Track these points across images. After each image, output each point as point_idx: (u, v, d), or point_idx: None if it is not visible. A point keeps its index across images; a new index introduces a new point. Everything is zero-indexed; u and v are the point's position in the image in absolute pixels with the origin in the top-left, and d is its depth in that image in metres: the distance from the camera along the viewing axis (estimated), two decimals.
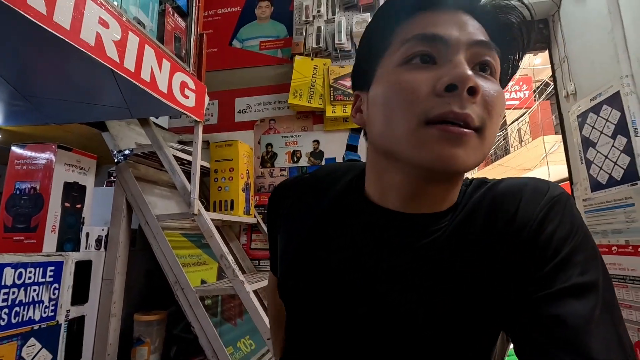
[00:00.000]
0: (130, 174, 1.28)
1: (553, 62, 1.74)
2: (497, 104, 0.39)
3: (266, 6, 1.98)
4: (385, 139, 0.41)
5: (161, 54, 1.03)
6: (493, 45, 0.40)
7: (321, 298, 0.45)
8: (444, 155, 0.36)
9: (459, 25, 0.39)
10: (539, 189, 0.41)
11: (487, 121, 0.38)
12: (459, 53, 0.38)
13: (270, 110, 1.86)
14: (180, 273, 1.16)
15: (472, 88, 0.36)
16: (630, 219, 1.27)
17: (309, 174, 0.57)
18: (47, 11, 0.67)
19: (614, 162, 1.34)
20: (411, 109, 0.37)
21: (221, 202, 1.53)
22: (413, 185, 0.42)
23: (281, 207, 0.55)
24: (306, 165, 1.75)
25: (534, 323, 0.35)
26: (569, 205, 0.40)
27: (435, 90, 0.37)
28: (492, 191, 0.42)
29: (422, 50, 0.39)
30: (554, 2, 1.63)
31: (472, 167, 0.38)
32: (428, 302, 0.40)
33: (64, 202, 1.10)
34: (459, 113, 0.36)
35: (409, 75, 0.39)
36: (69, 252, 1.09)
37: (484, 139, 0.38)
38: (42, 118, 1.16)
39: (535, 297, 0.36)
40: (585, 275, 0.35)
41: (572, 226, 0.38)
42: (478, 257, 0.40)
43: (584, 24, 1.50)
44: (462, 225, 0.42)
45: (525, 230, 0.38)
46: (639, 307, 1.21)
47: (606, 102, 1.37)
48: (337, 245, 0.46)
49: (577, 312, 0.33)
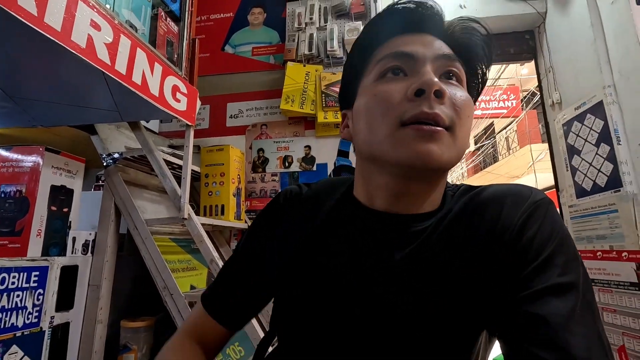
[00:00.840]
0: (119, 177, 1.26)
1: (539, 72, 1.79)
2: (464, 106, 0.43)
3: (259, 13, 2.00)
4: (369, 144, 0.45)
5: (153, 58, 1.03)
6: (457, 58, 0.46)
7: (318, 302, 0.46)
8: (420, 151, 0.40)
9: (426, 44, 0.45)
10: (522, 195, 0.43)
11: (456, 120, 0.42)
12: (425, 65, 0.43)
13: (262, 115, 1.86)
14: (169, 278, 1.15)
15: (438, 91, 0.41)
16: (613, 225, 1.30)
17: (310, 186, 0.58)
18: (38, 12, 0.67)
19: (598, 169, 1.37)
20: (388, 115, 0.42)
21: (212, 206, 1.52)
22: (397, 185, 0.45)
23: (281, 218, 0.55)
24: (297, 170, 1.75)
25: (516, 322, 0.36)
26: (550, 210, 0.42)
27: (407, 96, 0.42)
28: (478, 197, 0.45)
29: (394, 65, 0.45)
30: (539, 15, 1.69)
31: (447, 163, 0.42)
32: (422, 304, 0.41)
33: (51, 206, 1.08)
34: (428, 113, 0.40)
35: (384, 87, 0.44)
36: (54, 257, 1.07)
37: (455, 137, 0.42)
38: (29, 120, 1.14)
39: (517, 297, 0.37)
40: (565, 275, 0.37)
41: (553, 229, 0.40)
42: (465, 259, 0.42)
43: (569, 36, 1.55)
44: (451, 228, 0.44)
45: (507, 234, 0.41)
46: (623, 311, 1.24)
47: (590, 111, 1.41)
48: (333, 251, 0.48)
49: (559, 311, 0.34)
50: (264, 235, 0.56)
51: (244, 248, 0.57)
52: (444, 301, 0.41)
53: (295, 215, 0.54)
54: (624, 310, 1.24)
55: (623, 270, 1.25)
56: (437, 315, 0.41)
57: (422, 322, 0.41)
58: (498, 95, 7.30)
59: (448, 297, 0.41)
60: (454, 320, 0.41)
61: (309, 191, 0.56)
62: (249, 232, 0.58)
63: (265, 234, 0.56)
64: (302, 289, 0.48)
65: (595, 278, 1.35)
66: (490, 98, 7.34)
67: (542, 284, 0.36)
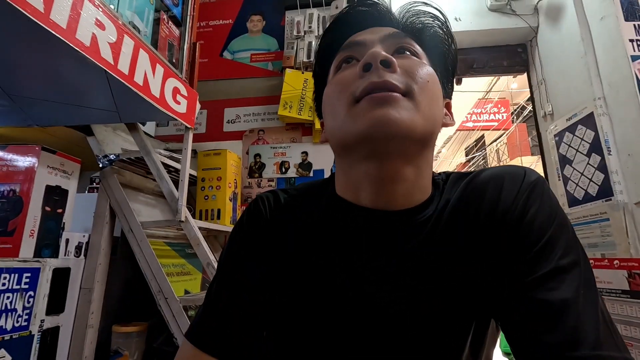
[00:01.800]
0: (115, 179, 1.25)
1: (531, 84, 1.84)
2: (421, 73, 0.42)
3: (258, 20, 2.02)
4: (334, 133, 0.44)
5: (155, 59, 1.03)
6: (408, 36, 0.46)
7: (312, 306, 0.45)
8: (375, 116, 0.39)
9: (375, 32, 0.47)
10: (517, 176, 0.43)
11: (413, 86, 0.41)
12: (374, 46, 0.44)
13: (259, 121, 1.87)
14: (164, 282, 1.13)
15: (384, 61, 0.41)
16: (605, 233, 1.33)
17: (287, 192, 0.54)
18: (45, 9, 0.67)
19: (590, 179, 1.41)
20: (343, 97, 0.43)
21: (207, 211, 1.51)
22: (375, 169, 0.42)
23: (265, 229, 0.50)
24: (294, 176, 1.75)
25: (522, 309, 0.36)
26: (546, 189, 0.42)
27: (357, 75, 0.42)
28: (473, 183, 0.44)
29: (346, 55, 0.46)
30: (531, 29, 1.74)
31: (411, 126, 0.39)
32: (416, 301, 0.41)
33: (45, 206, 1.06)
34: (377, 82, 0.40)
35: (339, 75, 0.45)
36: (46, 259, 1.05)
37: (416, 102, 0.40)
38: (25, 119, 1.13)
39: (522, 283, 0.37)
40: (567, 256, 0.37)
41: (551, 209, 0.41)
42: (465, 250, 0.41)
43: (560, 49, 1.60)
44: (446, 220, 0.43)
45: (508, 217, 0.40)
46: (616, 319, 1.26)
47: (581, 122, 1.45)
48: (325, 254, 0.46)
49: (563, 294, 0.35)
50: (249, 252, 0.50)
51: (230, 271, 0.50)
52: (441, 297, 0.41)
53: (279, 224, 0.50)
54: (617, 318, 1.25)
55: (615, 278, 1.27)
56: (434, 312, 0.41)
57: (418, 321, 0.41)
58: (489, 108, 7.45)
59: (445, 292, 0.41)
60: (450, 317, 0.41)
61: (287, 197, 0.52)
62: (232, 250, 0.52)
63: (250, 249, 0.50)
64: (296, 294, 0.46)
65: None
66: (481, 111, 7.48)
67: (545, 267, 0.37)
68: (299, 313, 0.46)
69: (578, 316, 0.33)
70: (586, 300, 0.34)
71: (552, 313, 0.34)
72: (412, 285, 0.41)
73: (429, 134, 0.42)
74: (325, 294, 0.44)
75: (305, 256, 0.47)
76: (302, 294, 0.46)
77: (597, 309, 0.35)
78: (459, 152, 10.20)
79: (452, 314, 0.41)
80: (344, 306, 0.43)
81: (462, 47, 1.90)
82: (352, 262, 0.44)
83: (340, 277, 0.44)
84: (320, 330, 0.44)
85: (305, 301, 0.45)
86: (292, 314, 0.46)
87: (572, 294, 0.34)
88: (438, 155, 10.12)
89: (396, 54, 0.44)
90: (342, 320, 0.43)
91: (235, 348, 0.46)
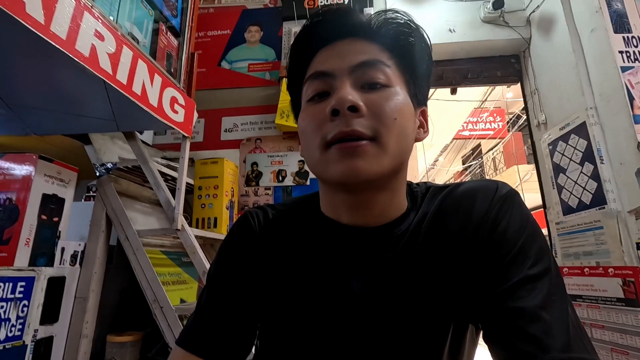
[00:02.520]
0: (111, 188, 1.25)
1: (525, 93, 1.86)
2: (389, 112, 0.43)
3: (256, 31, 2.05)
4: (310, 166, 0.47)
5: (153, 69, 1.04)
6: (377, 61, 0.45)
7: (297, 312, 0.47)
8: (345, 169, 0.41)
9: (343, 55, 0.45)
10: (489, 190, 0.45)
11: (380, 129, 0.42)
12: (343, 80, 0.44)
13: (256, 130, 1.88)
14: (160, 290, 1.12)
15: (351, 107, 0.42)
16: (599, 242, 1.34)
17: (275, 207, 0.55)
18: (45, 20, 0.68)
19: (583, 187, 1.42)
20: (316, 137, 0.44)
21: (204, 219, 1.51)
22: (350, 198, 0.46)
23: (255, 244, 0.52)
24: (291, 184, 1.76)
25: (496, 317, 0.38)
26: (517, 201, 0.44)
27: (327, 117, 0.43)
28: (449, 197, 0.47)
29: (317, 88, 0.46)
30: (524, 40, 1.77)
31: (378, 172, 0.42)
32: (394, 310, 0.43)
33: (41, 215, 1.06)
34: (346, 131, 0.41)
35: (311, 109, 0.46)
36: (41, 267, 1.04)
37: (383, 145, 0.42)
38: (23, 128, 1.13)
39: (495, 292, 0.39)
40: (538, 265, 0.39)
41: (522, 220, 0.43)
42: (441, 262, 0.44)
43: (552, 60, 1.63)
44: (424, 233, 0.45)
45: (481, 230, 0.43)
46: (611, 327, 1.26)
47: (574, 132, 1.47)
48: (309, 265, 0.48)
49: (534, 302, 0.36)
50: (240, 263, 0.51)
51: (220, 282, 0.51)
52: (417, 307, 0.43)
53: (268, 239, 0.52)
54: (611, 327, 1.25)
55: (610, 286, 1.27)
56: (411, 321, 0.43)
57: (396, 328, 0.43)
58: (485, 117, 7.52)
59: (421, 303, 0.43)
60: (426, 324, 0.43)
61: (276, 213, 0.54)
62: (222, 261, 0.53)
63: (240, 261, 0.51)
64: (282, 304, 0.48)
65: (583, 294, 1.38)
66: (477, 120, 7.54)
67: (516, 276, 0.38)
68: (285, 321, 0.48)
69: (548, 322, 0.35)
70: (556, 307, 0.36)
71: (523, 320, 0.35)
72: (390, 295, 0.44)
73: (398, 165, 0.45)
74: (309, 303, 0.47)
75: (291, 269, 0.49)
76: (288, 303, 0.48)
77: (567, 314, 0.37)
78: (456, 161, 10.26)
79: (428, 320, 0.43)
80: (326, 314, 0.45)
81: (456, 57, 1.93)
82: (334, 276, 0.46)
83: (323, 289, 0.46)
84: (306, 335, 0.46)
85: (290, 310, 0.48)
86: (279, 322, 0.49)
87: (542, 301, 0.36)
88: (435, 164, 10.17)
89: (366, 88, 0.44)
90: (325, 328, 0.45)
91: (225, 352, 0.48)
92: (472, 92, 5.70)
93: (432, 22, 1.84)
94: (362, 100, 0.42)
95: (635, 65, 1.32)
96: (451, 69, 1.94)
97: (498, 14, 1.77)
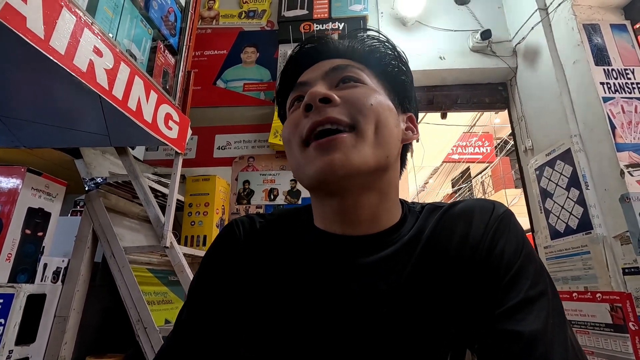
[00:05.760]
0: (100, 203, 1.23)
1: (512, 120, 1.92)
2: (364, 98, 0.43)
3: (252, 52, 2.09)
4: (294, 173, 0.46)
5: (149, 86, 1.05)
6: (349, 65, 0.47)
7: (284, 326, 0.44)
8: (324, 163, 0.40)
9: (320, 67, 0.48)
10: (485, 210, 0.45)
11: (357, 115, 0.42)
12: (315, 84, 0.46)
13: (249, 148, 1.89)
14: (144, 310, 1.09)
15: (323, 98, 0.42)
16: (587, 266, 1.36)
17: (264, 217, 0.53)
18: (45, 35, 0.69)
19: (570, 212, 1.45)
20: (294, 139, 0.45)
21: (193, 237, 1.49)
22: (337, 205, 0.44)
23: (240, 254, 0.49)
24: (283, 203, 1.76)
25: (494, 341, 0.37)
26: (513, 222, 0.44)
27: (302, 115, 0.44)
28: (446, 216, 0.46)
29: (295, 96, 0.48)
30: (511, 69, 1.85)
31: (360, 163, 0.40)
32: (386, 329, 0.41)
33: (25, 229, 1.03)
34: (319, 120, 0.41)
35: (290, 116, 0.48)
36: (21, 284, 1.01)
37: (362, 133, 0.41)
38: (13, 141, 1.12)
39: (493, 315, 0.38)
40: (536, 287, 0.39)
41: (518, 241, 0.42)
42: (437, 282, 0.42)
43: (537, 89, 1.69)
44: (419, 252, 0.44)
45: (477, 251, 0.42)
46: (601, 353, 1.25)
47: (559, 158, 1.52)
48: (297, 277, 0.46)
49: (533, 325, 0.36)
50: (222, 277, 0.48)
51: (201, 298, 0.48)
52: (411, 328, 0.41)
53: (254, 249, 0.49)
54: (601, 353, 1.25)
55: (598, 311, 1.28)
56: (405, 343, 0.41)
57: (389, 348, 0.41)
58: (474, 142, 7.69)
59: (416, 323, 0.41)
60: (422, 347, 0.41)
61: (264, 222, 0.52)
62: (204, 275, 0.50)
63: (223, 274, 0.49)
64: (272, 320, 0.45)
65: (572, 319, 1.38)
66: (466, 144, 7.71)
67: (514, 299, 0.38)
68: (272, 333, 0.45)
69: (547, 346, 0.35)
70: (555, 330, 0.36)
71: (522, 344, 0.35)
72: (382, 313, 0.41)
73: (383, 159, 0.43)
74: (296, 318, 0.44)
75: (278, 280, 0.46)
76: (275, 314, 0.45)
77: (566, 338, 0.36)
78: (446, 184, 10.38)
79: (424, 344, 0.41)
80: (314, 330, 0.43)
81: (446, 83, 2.00)
82: (323, 289, 0.44)
83: (311, 303, 0.44)
84: (292, 353, 0.43)
85: (277, 321, 0.45)
86: (266, 334, 0.45)
87: (540, 325, 0.36)
88: (425, 187, 10.27)
89: (341, 84, 0.46)
90: (313, 345, 0.42)
91: None
92: (461, 117, 5.85)
93: (423, 50, 1.91)
94: (336, 94, 0.43)
95: (615, 96, 1.38)
96: (441, 94, 2.00)
97: (486, 44, 1.84)
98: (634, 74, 1.43)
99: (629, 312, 1.18)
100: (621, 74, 1.42)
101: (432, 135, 5.60)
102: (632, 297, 1.19)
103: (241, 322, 0.47)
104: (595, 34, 1.48)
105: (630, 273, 1.22)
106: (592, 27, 1.50)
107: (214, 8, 2.22)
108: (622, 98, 1.38)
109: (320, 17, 2.01)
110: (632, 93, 1.39)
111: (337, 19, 1.98)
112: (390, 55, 0.50)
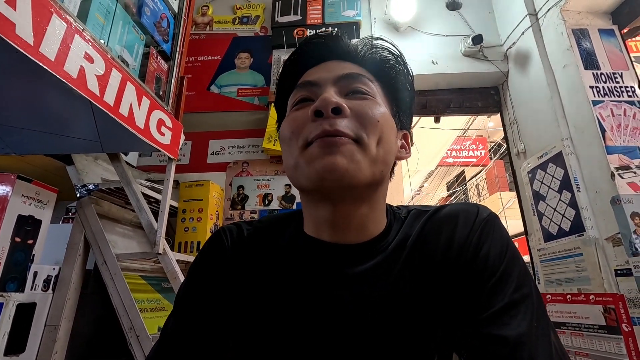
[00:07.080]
0: (92, 209, 1.22)
1: (504, 123, 1.94)
2: (371, 114, 0.43)
3: (246, 57, 2.10)
4: (290, 173, 0.46)
5: (142, 92, 1.05)
6: (361, 75, 0.47)
7: (272, 333, 0.44)
8: (326, 164, 0.40)
9: (330, 69, 0.47)
10: (470, 213, 0.45)
11: (362, 132, 0.42)
12: (327, 88, 0.45)
13: (243, 153, 1.88)
14: (137, 318, 1.08)
15: (335, 108, 0.42)
16: (580, 268, 1.36)
17: (252, 224, 0.53)
18: (34, 42, 0.69)
19: (562, 214, 1.46)
20: (296, 138, 0.44)
21: (187, 243, 1.48)
22: (330, 212, 0.44)
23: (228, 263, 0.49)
24: (277, 208, 1.75)
25: (480, 344, 0.37)
26: (497, 225, 0.45)
27: (310, 119, 0.43)
28: (431, 220, 0.47)
29: (302, 95, 0.47)
30: (502, 73, 1.87)
31: (357, 173, 0.41)
32: (373, 334, 0.41)
33: (15, 237, 1.02)
34: (329, 130, 0.41)
35: (293, 114, 0.46)
36: (11, 293, 0.99)
37: (365, 148, 0.42)
38: (3, 147, 1.11)
39: (478, 319, 0.39)
40: (520, 290, 0.39)
41: (502, 244, 0.43)
42: (422, 286, 0.43)
43: (529, 93, 1.71)
44: (405, 257, 0.44)
45: (463, 255, 0.42)
46: (595, 355, 1.26)
47: (551, 161, 1.53)
48: (284, 284, 0.46)
49: (518, 329, 0.36)
50: (209, 286, 0.48)
51: (188, 307, 0.48)
52: (397, 333, 0.41)
53: (241, 257, 0.49)
54: (595, 354, 1.26)
55: (592, 313, 1.29)
56: (391, 348, 0.41)
57: (376, 353, 0.41)
58: (468, 145, 7.74)
59: (401, 328, 0.41)
60: (411, 349, 0.41)
61: (251, 230, 0.52)
62: (191, 284, 0.50)
63: (210, 283, 0.48)
64: (260, 328, 0.45)
65: (566, 322, 1.38)
66: (460, 147, 7.76)
67: (499, 303, 0.38)
68: (259, 342, 0.45)
69: (532, 349, 0.35)
70: (539, 333, 0.37)
71: (508, 349, 0.36)
72: (369, 318, 0.42)
73: (379, 174, 0.44)
74: (284, 325, 0.44)
75: (266, 287, 0.46)
76: (263, 321, 0.45)
77: (550, 340, 0.37)
78: (441, 187, 10.43)
79: (411, 348, 0.41)
80: (303, 338, 0.43)
81: (439, 88, 2.01)
82: (311, 297, 0.44)
83: (300, 311, 0.44)
84: (283, 355, 0.43)
85: (265, 328, 0.45)
86: (255, 341, 0.45)
87: (525, 328, 0.36)
88: (420, 190, 10.31)
89: (350, 94, 0.45)
90: (301, 352, 0.43)
91: None
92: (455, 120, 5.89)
93: (416, 54, 1.92)
94: (346, 104, 0.43)
95: (605, 99, 1.40)
96: (434, 98, 2.02)
97: (477, 48, 1.87)
98: (622, 78, 1.45)
99: (622, 314, 1.19)
100: (610, 78, 1.44)
101: (426, 139, 5.63)
102: (625, 298, 1.20)
103: (229, 330, 0.47)
104: (584, 39, 1.51)
105: (623, 274, 1.23)
106: (580, 32, 1.52)
107: (207, 14, 2.22)
108: (611, 101, 1.40)
109: (313, 23, 2.02)
110: (621, 96, 1.41)
111: (330, 24, 1.99)
112: (400, 71, 0.50)
